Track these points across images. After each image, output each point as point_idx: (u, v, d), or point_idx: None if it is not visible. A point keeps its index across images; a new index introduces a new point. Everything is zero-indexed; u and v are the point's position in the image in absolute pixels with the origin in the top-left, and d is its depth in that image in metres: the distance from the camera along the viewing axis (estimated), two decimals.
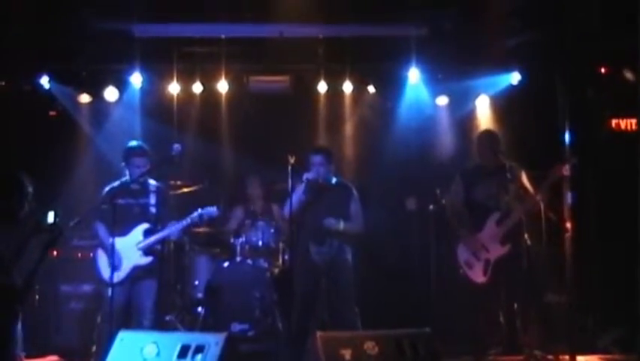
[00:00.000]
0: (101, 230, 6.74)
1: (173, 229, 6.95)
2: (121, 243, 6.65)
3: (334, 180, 7.17)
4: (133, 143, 6.99)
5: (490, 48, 8.54)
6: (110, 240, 6.53)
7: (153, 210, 6.89)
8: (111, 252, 6.40)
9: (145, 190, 6.89)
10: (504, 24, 8.23)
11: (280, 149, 7.09)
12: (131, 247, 6.70)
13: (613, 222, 7.85)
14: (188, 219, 6.98)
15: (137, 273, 6.71)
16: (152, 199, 6.91)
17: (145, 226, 6.81)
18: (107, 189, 6.82)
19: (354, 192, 7.15)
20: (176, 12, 8.18)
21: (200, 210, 7.02)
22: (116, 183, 6.86)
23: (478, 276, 6.97)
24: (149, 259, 6.76)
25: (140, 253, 6.72)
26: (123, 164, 6.87)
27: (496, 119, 8.95)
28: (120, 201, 6.61)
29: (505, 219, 6.87)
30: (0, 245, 4.80)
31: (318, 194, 7.04)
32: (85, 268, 7.62)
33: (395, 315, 7.86)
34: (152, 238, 6.81)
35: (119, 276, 6.59)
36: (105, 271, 6.66)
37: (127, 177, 6.84)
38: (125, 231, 6.73)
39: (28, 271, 4.83)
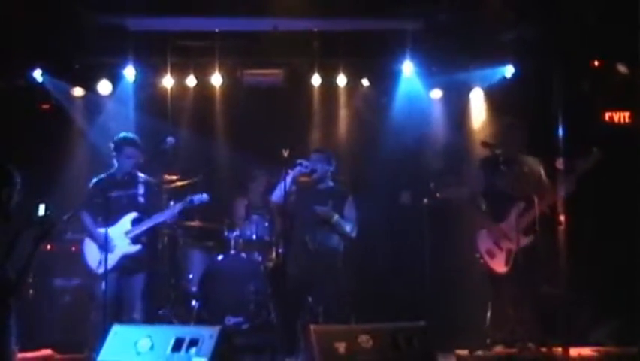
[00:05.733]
0: (88, 219, 6.72)
1: (163, 216, 6.95)
2: (110, 232, 6.62)
3: (330, 183, 7.20)
4: (124, 134, 6.96)
5: (484, 41, 8.53)
6: (101, 230, 6.56)
7: (142, 200, 6.87)
8: (105, 244, 6.38)
9: (133, 182, 6.85)
10: (498, 17, 8.21)
11: (274, 142, 7.09)
12: (119, 236, 6.67)
13: (608, 215, 7.86)
14: (178, 206, 6.96)
15: (125, 263, 6.68)
16: (141, 190, 6.88)
17: (133, 214, 6.78)
18: (94, 180, 6.81)
19: (350, 197, 7.18)
20: (170, 5, 8.16)
21: (189, 197, 7.01)
22: (103, 175, 6.84)
23: (499, 266, 6.91)
24: (137, 248, 6.74)
25: (129, 241, 6.69)
26: (114, 154, 6.84)
27: (490, 113, 8.96)
28: (108, 193, 6.62)
29: (528, 211, 6.79)
30: None
31: (312, 190, 7.08)
32: (78, 261, 7.59)
33: (389, 309, 7.89)
34: (143, 227, 6.79)
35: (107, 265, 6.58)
36: (92, 260, 6.66)
37: (114, 169, 6.83)
38: (113, 221, 6.69)
39: (21, 265, 4.81)
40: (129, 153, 6.79)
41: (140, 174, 6.93)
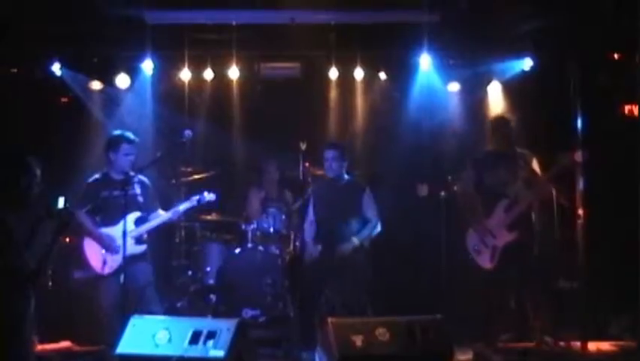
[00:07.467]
0: (87, 220, 6.62)
1: (169, 216, 6.90)
2: (112, 232, 6.61)
3: (346, 177, 7.21)
4: (121, 131, 6.86)
5: (502, 34, 8.49)
6: (103, 230, 6.60)
7: (140, 199, 6.78)
8: (125, 242, 6.31)
9: (129, 181, 6.60)
10: (516, 10, 8.18)
11: (291, 135, 7.10)
12: (122, 236, 6.44)
13: (625, 209, 7.81)
14: (185, 206, 6.94)
15: (129, 261, 6.52)
16: (138, 189, 6.79)
17: (137, 214, 6.71)
18: (88, 180, 6.76)
19: (367, 190, 7.18)
20: None
21: (197, 196, 7.00)
22: (98, 175, 6.79)
23: (485, 262, 6.97)
24: (142, 248, 6.70)
25: (133, 241, 6.57)
26: (109, 151, 6.75)
27: (507, 105, 8.92)
28: (104, 193, 6.61)
29: (513, 207, 6.85)
30: (12, 229, 4.80)
31: (328, 191, 7.09)
32: None
33: (406, 301, 7.89)
34: (147, 226, 6.77)
35: (111, 267, 6.57)
36: (95, 261, 6.62)
37: (109, 168, 6.77)
38: (114, 221, 6.62)
39: (41, 255, 4.84)
40: (128, 150, 6.69)
41: (137, 175, 6.77)
